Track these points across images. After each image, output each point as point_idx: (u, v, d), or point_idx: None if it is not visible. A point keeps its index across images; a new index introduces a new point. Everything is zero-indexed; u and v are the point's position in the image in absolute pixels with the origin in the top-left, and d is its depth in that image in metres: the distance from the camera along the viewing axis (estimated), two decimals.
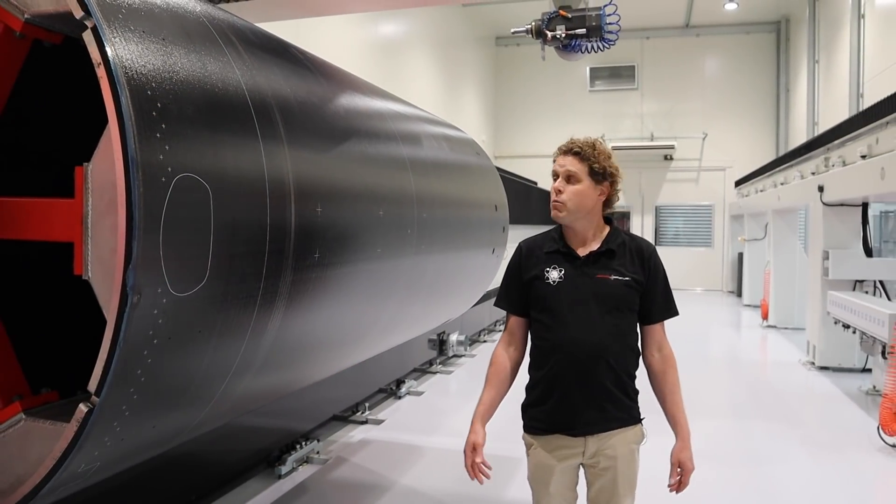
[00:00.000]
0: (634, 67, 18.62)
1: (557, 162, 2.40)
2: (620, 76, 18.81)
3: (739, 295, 15.62)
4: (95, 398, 1.48)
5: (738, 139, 17.92)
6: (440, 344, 8.06)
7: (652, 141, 18.29)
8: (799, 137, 14.57)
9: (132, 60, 1.52)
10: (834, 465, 5.09)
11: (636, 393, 2.46)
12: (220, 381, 1.91)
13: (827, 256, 7.86)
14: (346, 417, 5.72)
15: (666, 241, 18.66)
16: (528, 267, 2.45)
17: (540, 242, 2.49)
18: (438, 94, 14.90)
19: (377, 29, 11.68)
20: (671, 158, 18.36)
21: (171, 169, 1.54)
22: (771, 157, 15.25)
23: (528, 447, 2.48)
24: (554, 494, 2.43)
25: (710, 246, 18.32)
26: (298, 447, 4.73)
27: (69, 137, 2.19)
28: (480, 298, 5.17)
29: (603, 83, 19.00)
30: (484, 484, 2.51)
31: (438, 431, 5.74)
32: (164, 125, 1.54)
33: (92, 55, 1.49)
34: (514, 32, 3.92)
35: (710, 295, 17.23)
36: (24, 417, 1.65)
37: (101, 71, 1.47)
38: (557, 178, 2.39)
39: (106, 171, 1.48)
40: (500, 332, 9.97)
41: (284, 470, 4.50)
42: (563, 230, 2.45)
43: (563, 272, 2.38)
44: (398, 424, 5.81)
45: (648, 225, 18.57)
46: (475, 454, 2.40)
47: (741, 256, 15.25)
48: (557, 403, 2.37)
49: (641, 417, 2.46)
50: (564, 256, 2.40)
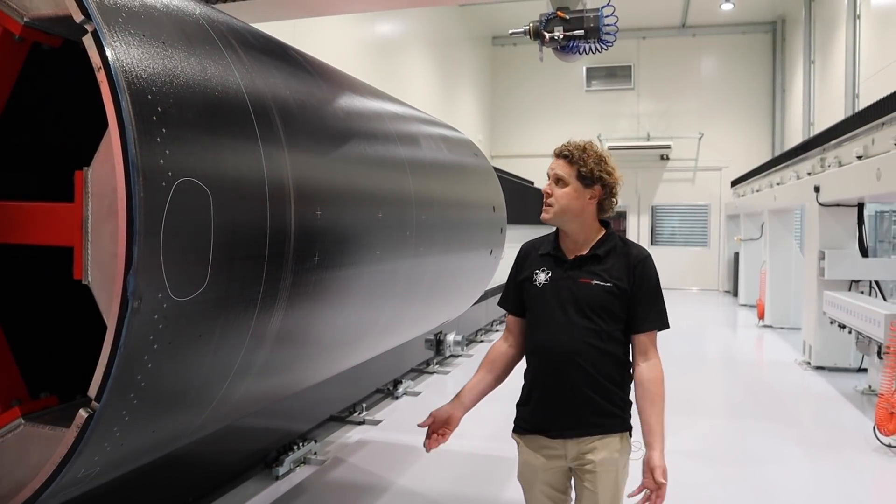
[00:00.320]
0: (631, 67, 18.64)
1: (550, 164, 2.43)
2: (617, 76, 18.84)
3: (735, 295, 15.65)
4: (95, 404, 1.47)
5: (734, 139, 17.96)
6: (437, 344, 8.05)
7: (648, 141, 18.33)
8: (795, 137, 14.60)
9: (132, 64, 1.52)
10: (830, 465, 5.11)
11: (624, 402, 2.39)
12: (219, 384, 1.90)
13: (823, 256, 7.89)
14: (343, 418, 5.72)
15: (662, 240, 18.70)
16: (522, 268, 2.49)
17: (538, 245, 2.51)
18: (435, 93, 14.89)
19: (374, 29, 11.66)
20: (667, 158, 18.40)
21: (171, 173, 1.53)
22: (767, 157, 15.28)
23: (517, 446, 2.51)
24: (539, 494, 2.43)
25: (706, 246, 18.37)
26: (296, 448, 4.73)
27: (70, 141, 2.18)
28: (478, 299, 5.16)
29: (599, 83, 19.03)
30: (429, 452, 2.55)
31: None
32: (164, 129, 1.54)
33: (92, 59, 1.48)
34: (511, 34, 3.92)
35: (706, 295, 17.26)
36: (23, 422, 1.64)
37: (101, 75, 1.46)
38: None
39: (106, 175, 1.48)
40: (496, 331, 9.98)
41: (282, 471, 4.50)
42: (559, 233, 2.46)
43: (549, 275, 2.41)
44: (395, 425, 5.80)
45: (645, 225, 18.60)
46: (432, 419, 2.48)
47: (737, 256, 15.28)
48: (536, 404, 2.41)
49: (628, 429, 2.38)
50: (555, 259, 2.42)
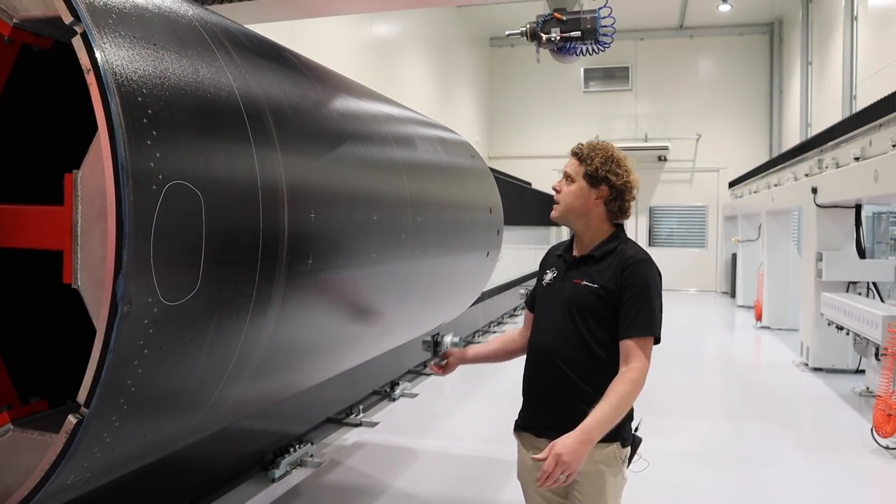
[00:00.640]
0: (628, 68, 18.65)
1: (566, 163, 2.45)
2: (614, 77, 18.85)
3: (733, 296, 15.65)
4: (84, 409, 1.45)
5: (731, 140, 17.97)
6: (434, 345, 8.01)
7: (646, 142, 18.33)
8: (792, 139, 14.61)
9: (122, 66, 1.50)
10: (828, 466, 5.10)
11: None
12: (212, 389, 1.89)
13: (820, 258, 7.88)
14: (339, 420, 5.70)
15: (660, 241, 18.71)
16: (543, 268, 2.54)
17: (560, 246, 2.54)
18: (432, 95, 14.88)
19: (371, 30, 11.64)
20: (665, 159, 18.41)
21: (161, 176, 1.52)
22: (764, 158, 15.30)
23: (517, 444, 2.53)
24: (534, 495, 2.41)
25: (703, 247, 18.38)
26: (292, 450, 4.71)
27: (60, 143, 2.16)
28: (475, 301, 5.15)
29: (597, 84, 19.04)
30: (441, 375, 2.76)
31: (432, 433, 5.72)
32: (155, 132, 1.52)
33: (81, 61, 1.46)
34: (508, 35, 3.92)
35: (703, 296, 17.27)
36: (12, 428, 1.62)
37: (90, 77, 1.45)
38: None
39: (96, 178, 1.46)
40: (494, 333, 9.97)
41: (278, 473, 4.48)
42: (575, 235, 2.47)
43: (555, 275, 2.43)
44: (392, 427, 5.78)
45: (642, 226, 18.60)
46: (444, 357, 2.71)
47: (735, 257, 15.28)
48: (526, 402, 2.47)
49: (619, 439, 2.28)
50: (563, 260, 2.45)
